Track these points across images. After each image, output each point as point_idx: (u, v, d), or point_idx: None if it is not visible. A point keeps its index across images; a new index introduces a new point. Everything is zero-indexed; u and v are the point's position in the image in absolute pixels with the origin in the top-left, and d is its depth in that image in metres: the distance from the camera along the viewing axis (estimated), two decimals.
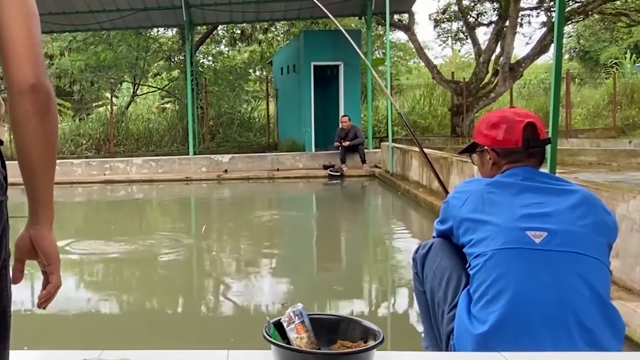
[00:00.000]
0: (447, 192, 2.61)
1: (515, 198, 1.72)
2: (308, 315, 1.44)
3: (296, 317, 1.41)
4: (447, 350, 1.78)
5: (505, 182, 1.77)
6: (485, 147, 1.88)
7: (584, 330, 1.57)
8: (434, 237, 1.98)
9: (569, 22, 16.21)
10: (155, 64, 20.17)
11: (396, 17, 15.94)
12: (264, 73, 21.56)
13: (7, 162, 1.50)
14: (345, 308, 3.78)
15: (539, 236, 1.63)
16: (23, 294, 4.21)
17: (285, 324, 1.41)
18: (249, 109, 19.06)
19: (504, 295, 1.61)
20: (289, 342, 1.39)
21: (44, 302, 1.24)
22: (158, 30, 19.38)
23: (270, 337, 1.36)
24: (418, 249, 2.03)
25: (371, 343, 1.36)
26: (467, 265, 1.75)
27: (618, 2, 16.36)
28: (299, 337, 1.39)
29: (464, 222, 1.76)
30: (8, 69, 1.10)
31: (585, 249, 1.63)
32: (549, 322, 1.58)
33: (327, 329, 1.45)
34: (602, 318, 1.59)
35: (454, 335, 1.72)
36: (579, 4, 14.85)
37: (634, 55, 21.64)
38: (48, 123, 1.13)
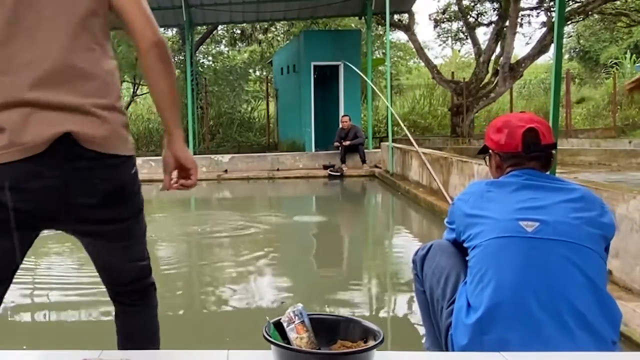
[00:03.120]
0: (451, 198, 2.66)
1: (512, 195, 1.78)
2: (308, 315, 1.44)
3: (296, 317, 1.41)
4: (446, 343, 1.81)
5: (505, 182, 1.84)
6: (491, 151, 1.96)
7: (576, 314, 1.60)
8: (445, 236, 2.03)
9: (569, 22, 16.21)
10: None
11: (396, 17, 15.94)
12: (264, 73, 21.57)
13: None
14: (345, 308, 3.78)
15: (531, 226, 1.68)
16: (22, 295, 4.21)
17: (285, 324, 1.41)
18: (249, 109, 19.06)
19: (495, 280, 1.66)
20: (289, 342, 1.39)
21: (174, 188, 1.68)
22: None
23: (270, 337, 1.36)
24: (418, 251, 2.09)
25: (371, 343, 1.36)
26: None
27: (618, 2, 16.36)
28: (299, 337, 1.39)
29: (465, 219, 1.83)
30: (136, 35, 1.55)
31: (577, 239, 1.66)
32: (541, 306, 1.61)
33: (327, 329, 1.46)
34: (596, 304, 1.61)
35: (452, 327, 1.76)
36: (579, 4, 14.85)
37: (634, 55, 21.65)
38: (169, 66, 1.59)
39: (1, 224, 1.48)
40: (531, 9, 16.01)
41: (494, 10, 16.49)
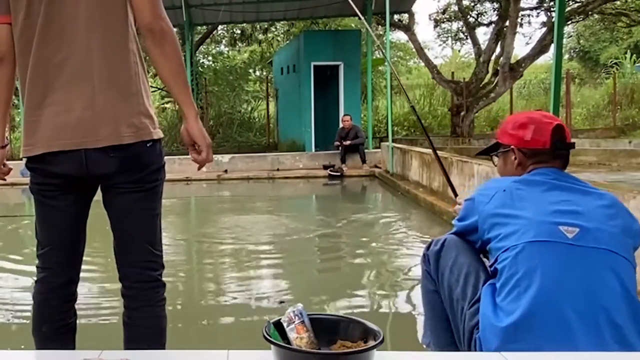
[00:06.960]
0: (456, 195, 2.60)
1: (544, 194, 1.72)
2: (308, 315, 1.44)
3: (296, 317, 1.41)
4: (469, 345, 1.75)
5: (534, 180, 1.77)
6: (512, 147, 1.87)
7: (613, 326, 1.56)
8: (450, 234, 1.96)
9: (569, 22, 16.21)
10: None
11: (396, 17, 15.95)
12: (264, 73, 21.57)
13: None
14: (345, 308, 3.78)
15: (571, 232, 1.63)
16: (22, 295, 4.21)
17: (285, 324, 1.41)
18: (249, 109, 19.06)
19: (535, 286, 1.59)
20: (289, 342, 1.39)
21: (199, 167, 1.79)
22: None
23: (270, 337, 1.36)
24: (430, 245, 2.00)
25: (371, 343, 1.36)
26: (495, 260, 1.73)
27: (618, 2, 16.36)
28: (299, 337, 1.39)
29: (491, 217, 1.75)
30: (136, 19, 1.68)
31: (616, 248, 1.63)
32: (580, 316, 1.56)
33: (327, 329, 1.45)
34: (631, 315, 1.58)
35: (480, 328, 1.69)
36: (579, 4, 14.85)
37: (634, 55, 21.64)
38: (166, 51, 1.67)
39: (54, 187, 1.76)
40: (531, 9, 16.01)
41: (494, 10, 16.49)
